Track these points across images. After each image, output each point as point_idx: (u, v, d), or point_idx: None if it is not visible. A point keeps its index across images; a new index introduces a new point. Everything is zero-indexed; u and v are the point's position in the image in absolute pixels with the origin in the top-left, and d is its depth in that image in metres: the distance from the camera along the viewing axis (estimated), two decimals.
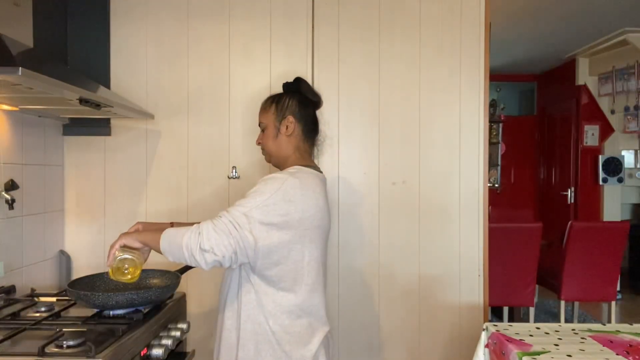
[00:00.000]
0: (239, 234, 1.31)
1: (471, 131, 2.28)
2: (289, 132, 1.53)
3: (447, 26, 2.27)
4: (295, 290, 1.41)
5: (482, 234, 2.28)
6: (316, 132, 1.60)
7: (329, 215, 1.53)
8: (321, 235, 1.47)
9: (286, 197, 1.36)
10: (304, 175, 1.43)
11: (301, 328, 1.41)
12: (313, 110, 1.59)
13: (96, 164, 2.25)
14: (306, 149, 1.57)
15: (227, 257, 1.31)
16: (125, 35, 2.23)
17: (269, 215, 1.34)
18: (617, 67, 5.08)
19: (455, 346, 2.27)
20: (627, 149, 5.37)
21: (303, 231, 1.39)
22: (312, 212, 1.40)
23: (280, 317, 1.39)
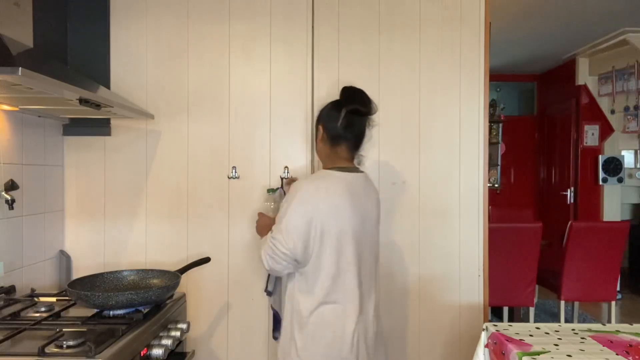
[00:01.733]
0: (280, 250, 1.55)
1: (471, 131, 2.28)
2: (321, 139, 1.69)
3: (447, 26, 2.27)
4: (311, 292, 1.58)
5: (482, 234, 2.28)
6: (350, 138, 1.66)
7: (359, 210, 1.60)
8: (340, 236, 1.55)
9: (302, 201, 1.54)
10: (319, 178, 1.61)
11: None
12: (349, 118, 1.64)
13: (96, 164, 2.25)
14: (339, 153, 1.67)
15: (284, 270, 1.60)
16: (125, 35, 2.23)
17: (294, 223, 1.54)
18: (617, 67, 5.08)
19: (455, 346, 2.27)
20: (627, 149, 5.37)
21: (320, 232, 1.53)
22: (325, 212, 1.53)
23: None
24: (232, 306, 2.26)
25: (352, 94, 1.68)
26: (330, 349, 1.55)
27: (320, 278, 1.56)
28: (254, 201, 2.25)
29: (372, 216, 1.68)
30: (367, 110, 1.66)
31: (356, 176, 1.65)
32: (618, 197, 5.39)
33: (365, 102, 1.66)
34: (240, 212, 2.25)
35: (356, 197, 1.60)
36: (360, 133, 1.69)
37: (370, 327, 1.63)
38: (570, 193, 5.58)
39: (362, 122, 1.68)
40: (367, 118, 1.69)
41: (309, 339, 1.56)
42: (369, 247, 1.65)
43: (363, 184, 1.67)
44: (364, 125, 1.69)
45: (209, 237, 2.25)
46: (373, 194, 1.72)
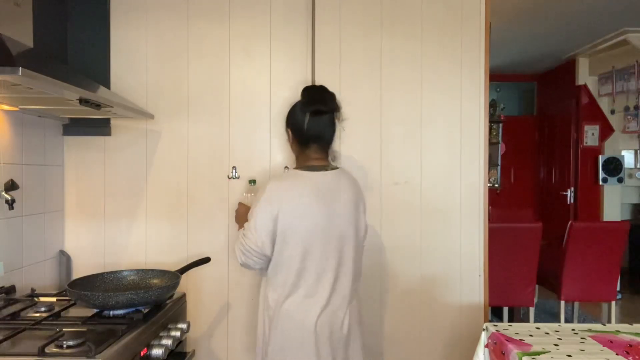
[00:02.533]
0: (249, 246, 1.61)
1: (471, 131, 2.28)
2: (291, 141, 1.74)
3: (448, 26, 2.27)
4: (277, 287, 1.64)
5: (482, 234, 2.28)
6: (318, 138, 1.68)
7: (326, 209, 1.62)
8: (305, 234, 1.59)
9: (267, 200, 1.60)
10: (285, 178, 1.68)
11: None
12: (314, 119, 1.66)
13: (96, 164, 2.25)
14: (310, 153, 1.69)
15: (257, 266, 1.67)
16: (125, 35, 2.23)
17: (260, 220, 1.60)
18: (617, 67, 5.08)
19: (455, 346, 2.27)
20: (627, 149, 5.37)
21: (284, 230, 1.59)
22: (289, 211, 1.59)
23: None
24: (232, 306, 2.26)
25: (312, 94, 1.71)
26: (292, 342, 1.60)
27: (285, 273, 1.61)
28: None
29: (343, 213, 1.66)
30: (328, 108, 1.67)
31: (325, 174, 1.66)
32: (618, 197, 5.39)
33: (326, 101, 1.68)
34: None
35: (324, 195, 1.62)
36: (327, 131, 1.69)
37: (338, 322, 1.64)
38: (570, 193, 5.58)
39: (327, 120, 1.68)
40: (332, 115, 1.69)
41: (276, 331, 1.61)
42: (339, 243, 1.65)
43: (334, 182, 1.67)
44: (331, 122, 1.69)
45: (209, 237, 2.25)
46: (347, 190, 1.69)
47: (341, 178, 1.70)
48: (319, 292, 1.62)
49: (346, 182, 1.71)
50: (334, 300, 1.64)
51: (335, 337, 1.63)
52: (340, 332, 1.64)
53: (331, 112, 1.68)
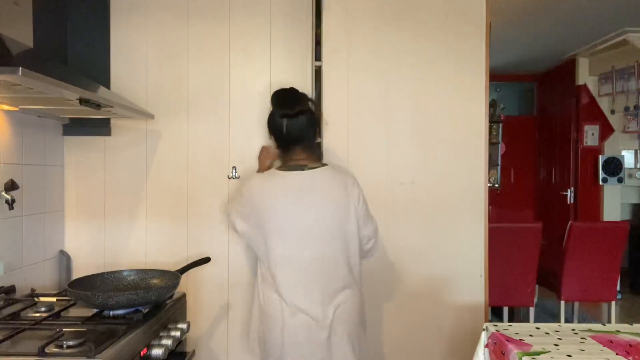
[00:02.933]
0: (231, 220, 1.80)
1: (471, 131, 2.27)
2: (275, 145, 1.80)
3: (447, 27, 2.26)
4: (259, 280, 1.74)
5: (482, 234, 2.28)
6: (295, 140, 1.72)
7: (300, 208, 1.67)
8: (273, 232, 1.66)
9: (245, 194, 1.74)
10: (260, 178, 1.77)
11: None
12: (286, 122, 1.70)
13: (96, 164, 2.25)
14: (289, 154, 1.75)
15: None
16: (125, 35, 2.23)
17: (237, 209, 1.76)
18: (617, 67, 5.08)
19: (455, 346, 2.27)
20: (627, 149, 5.37)
21: (259, 224, 1.69)
22: (259, 208, 1.68)
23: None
24: (232, 306, 2.26)
25: (279, 99, 1.74)
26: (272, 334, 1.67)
27: (263, 268, 1.72)
28: None
29: (320, 210, 1.67)
30: (296, 111, 1.68)
31: (302, 173, 1.69)
32: (618, 197, 5.38)
33: (293, 104, 1.70)
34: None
35: (297, 193, 1.67)
36: (304, 131, 1.71)
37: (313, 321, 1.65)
38: (570, 193, 5.57)
39: (302, 121, 1.70)
40: (307, 115, 1.71)
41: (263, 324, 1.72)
42: (313, 240, 1.67)
43: (310, 180, 1.69)
44: (304, 123, 1.71)
45: (209, 237, 2.25)
46: (327, 187, 1.70)
47: (322, 176, 1.71)
48: (294, 287, 1.66)
49: (327, 180, 1.71)
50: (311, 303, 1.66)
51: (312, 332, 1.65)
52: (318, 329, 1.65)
53: (301, 113, 1.69)
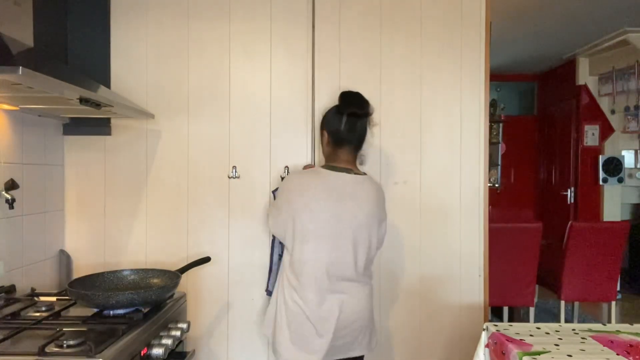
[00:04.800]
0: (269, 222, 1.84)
1: (471, 131, 2.28)
2: (325, 142, 1.83)
3: (448, 26, 2.27)
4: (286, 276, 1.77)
5: (482, 234, 2.28)
6: (353, 141, 1.79)
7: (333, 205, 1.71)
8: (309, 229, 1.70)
9: (283, 189, 1.79)
10: (304, 173, 1.81)
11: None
12: (349, 121, 1.76)
13: (96, 164, 2.25)
14: (338, 154, 1.79)
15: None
16: (125, 35, 2.23)
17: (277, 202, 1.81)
18: (617, 67, 5.08)
19: (455, 346, 2.27)
20: (627, 149, 5.36)
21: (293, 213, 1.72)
22: (297, 205, 1.71)
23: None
24: (232, 306, 2.26)
25: (349, 98, 1.80)
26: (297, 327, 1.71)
27: (294, 264, 1.73)
28: (254, 201, 2.25)
29: (356, 215, 1.73)
30: (364, 112, 1.77)
31: (346, 176, 1.75)
32: (618, 197, 5.38)
33: (362, 105, 1.78)
34: (241, 212, 2.25)
35: (338, 195, 1.71)
36: (361, 134, 1.80)
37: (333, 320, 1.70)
38: (570, 193, 5.57)
39: (362, 123, 1.78)
40: (366, 119, 1.79)
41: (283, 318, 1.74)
42: (346, 242, 1.72)
43: (356, 185, 1.75)
44: (364, 126, 1.80)
45: (209, 237, 2.25)
46: (368, 197, 1.76)
47: (364, 185, 1.77)
48: (318, 279, 1.70)
49: (368, 189, 1.78)
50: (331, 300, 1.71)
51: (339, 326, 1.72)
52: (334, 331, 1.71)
53: (365, 115, 1.78)
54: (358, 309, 1.76)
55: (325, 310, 1.70)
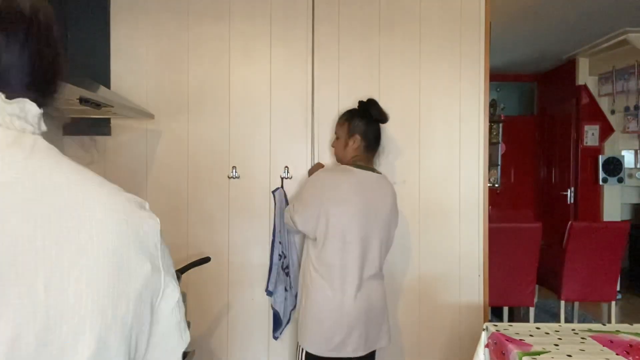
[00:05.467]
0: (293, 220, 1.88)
1: (471, 131, 2.28)
2: (355, 146, 1.92)
3: (447, 26, 2.27)
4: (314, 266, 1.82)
5: (482, 234, 2.28)
6: (377, 145, 1.97)
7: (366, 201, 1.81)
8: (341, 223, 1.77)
9: (314, 186, 1.85)
10: (337, 171, 1.87)
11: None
12: (377, 128, 1.95)
13: (96, 164, 2.24)
14: (363, 157, 1.93)
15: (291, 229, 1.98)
16: (125, 35, 2.23)
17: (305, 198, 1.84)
18: (617, 67, 5.08)
19: (455, 346, 2.27)
20: (627, 149, 5.36)
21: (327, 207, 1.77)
22: (330, 199, 1.77)
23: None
24: (232, 306, 2.26)
25: (377, 106, 1.96)
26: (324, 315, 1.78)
27: (324, 254, 1.78)
28: (254, 201, 2.25)
29: (380, 212, 1.85)
30: (386, 118, 1.96)
31: (371, 174, 1.88)
32: (618, 197, 5.38)
33: (384, 112, 1.95)
34: (241, 212, 2.25)
35: (365, 190, 1.82)
36: (381, 141, 1.98)
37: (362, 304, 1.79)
38: (570, 193, 5.57)
39: (380, 130, 1.97)
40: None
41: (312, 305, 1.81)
42: (371, 235, 1.82)
43: (379, 183, 1.89)
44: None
45: (209, 237, 2.25)
46: (388, 194, 1.90)
47: (384, 182, 1.92)
48: (350, 273, 1.77)
49: (387, 187, 1.92)
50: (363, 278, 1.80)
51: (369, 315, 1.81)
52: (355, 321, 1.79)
53: (386, 121, 1.98)
54: (381, 304, 1.87)
55: (358, 305, 1.78)
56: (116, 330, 0.52)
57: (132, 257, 0.55)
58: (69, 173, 0.56)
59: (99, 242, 0.52)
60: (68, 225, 0.51)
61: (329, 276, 1.78)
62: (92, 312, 0.50)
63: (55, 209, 0.51)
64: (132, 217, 0.58)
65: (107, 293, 0.51)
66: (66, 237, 0.50)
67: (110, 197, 0.57)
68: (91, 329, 0.50)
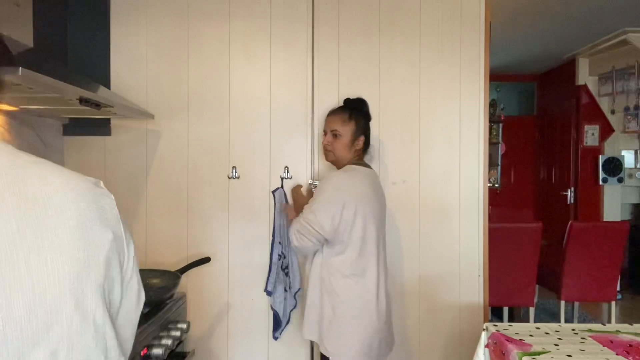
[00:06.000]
0: (313, 228, 1.76)
1: (471, 131, 2.28)
2: (359, 147, 1.93)
3: (447, 26, 2.27)
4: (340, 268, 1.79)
5: (482, 234, 2.28)
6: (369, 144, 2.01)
7: (378, 199, 1.87)
8: (366, 219, 1.79)
9: (337, 187, 1.79)
10: (352, 171, 1.87)
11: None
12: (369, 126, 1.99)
13: (96, 164, 2.25)
14: (360, 154, 1.96)
15: (311, 248, 1.82)
16: (125, 35, 2.23)
17: (328, 205, 1.76)
18: (617, 67, 5.08)
19: (455, 346, 2.27)
20: (627, 149, 5.36)
21: (353, 214, 1.76)
22: (356, 197, 1.78)
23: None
24: (232, 306, 2.26)
25: (367, 104, 1.98)
26: (362, 318, 1.76)
27: (348, 255, 1.77)
28: (254, 201, 2.25)
29: (384, 209, 1.94)
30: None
31: (373, 172, 1.95)
32: (618, 197, 5.38)
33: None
34: (241, 211, 2.25)
35: (375, 187, 1.88)
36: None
37: (385, 300, 1.83)
38: (570, 193, 5.57)
39: None
40: None
41: (342, 307, 1.76)
42: (383, 231, 1.90)
43: (378, 180, 1.97)
44: None
45: (209, 237, 2.25)
46: (381, 188, 1.97)
47: (377, 177, 1.98)
48: (372, 273, 1.79)
49: (379, 183, 1.98)
50: (382, 282, 1.84)
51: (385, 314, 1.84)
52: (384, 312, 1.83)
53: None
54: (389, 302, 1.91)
55: (382, 301, 1.82)
56: (93, 291, 0.62)
57: (96, 229, 0.65)
58: (28, 164, 0.62)
59: (65, 221, 0.61)
60: (36, 209, 0.59)
61: (363, 280, 1.77)
62: (70, 281, 0.60)
63: (22, 198, 0.59)
64: (88, 195, 0.66)
65: (79, 262, 0.61)
66: (36, 220, 0.58)
67: (68, 180, 0.64)
68: (71, 294, 0.59)
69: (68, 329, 0.59)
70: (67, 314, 0.59)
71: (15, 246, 0.56)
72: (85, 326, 0.61)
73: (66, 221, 0.61)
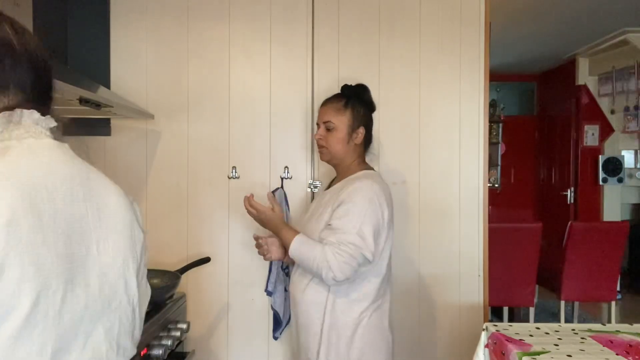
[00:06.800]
0: (362, 255, 1.48)
1: (471, 131, 2.28)
2: (358, 142, 1.65)
3: (447, 26, 2.27)
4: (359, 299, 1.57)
5: (482, 234, 2.28)
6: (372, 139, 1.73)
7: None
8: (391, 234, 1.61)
9: (371, 202, 1.52)
10: (378, 179, 1.62)
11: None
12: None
13: (96, 164, 2.24)
14: (363, 153, 1.70)
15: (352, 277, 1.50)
16: (125, 35, 2.23)
17: (371, 224, 1.49)
18: (617, 67, 5.08)
19: (455, 346, 2.27)
20: (627, 149, 5.36)
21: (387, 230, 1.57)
22: (387, 210, 1.55)
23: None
24: (232, 306, 2.26)
25: (369, 92, 1.72)
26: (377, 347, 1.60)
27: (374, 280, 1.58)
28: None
29: None
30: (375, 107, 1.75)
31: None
32: (618, 197, 5.38)
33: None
34: (241, 212, 2.24)
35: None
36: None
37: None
38: (570, 193, 5.57)
39: None
40: None
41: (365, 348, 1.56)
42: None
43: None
44: None
45: (209, 237, 2.25)
46: None
47: None
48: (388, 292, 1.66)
49: None
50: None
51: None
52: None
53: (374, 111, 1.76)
54: None
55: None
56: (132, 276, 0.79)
57: (135, 228, 0.83)
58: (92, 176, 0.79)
59: (120, 218, 0.80)
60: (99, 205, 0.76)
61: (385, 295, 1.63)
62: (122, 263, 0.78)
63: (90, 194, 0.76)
64: (127, 201, 0.83)
65: (127, 250, 0.79)
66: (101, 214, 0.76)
67: (116, 189, 0.82)
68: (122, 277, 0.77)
69: (119, 307, 0.76)
70: (120, 293, 0.76)
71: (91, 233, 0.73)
72: (128, 305, 0.78)
73: (121, 219, 0.79)
